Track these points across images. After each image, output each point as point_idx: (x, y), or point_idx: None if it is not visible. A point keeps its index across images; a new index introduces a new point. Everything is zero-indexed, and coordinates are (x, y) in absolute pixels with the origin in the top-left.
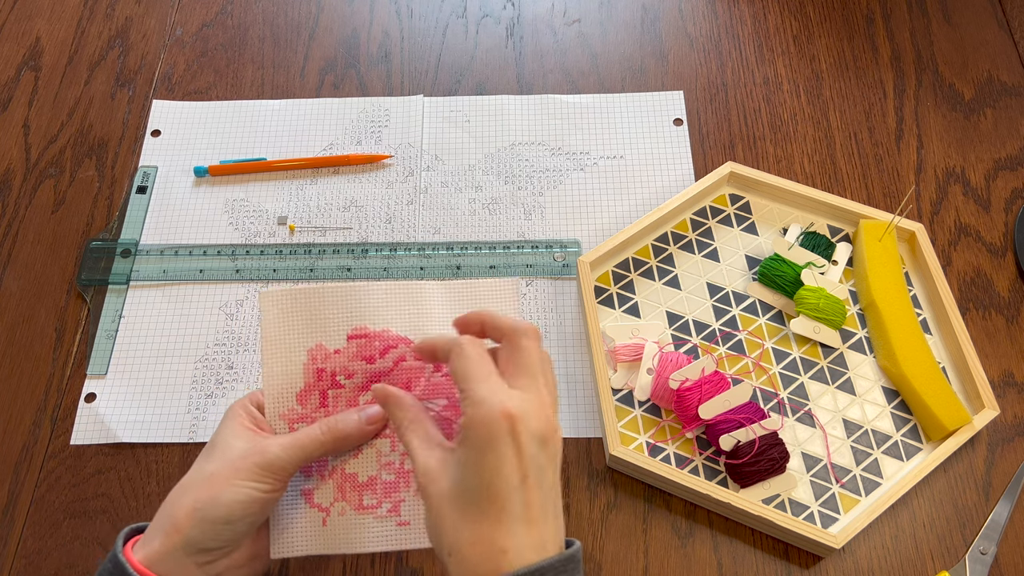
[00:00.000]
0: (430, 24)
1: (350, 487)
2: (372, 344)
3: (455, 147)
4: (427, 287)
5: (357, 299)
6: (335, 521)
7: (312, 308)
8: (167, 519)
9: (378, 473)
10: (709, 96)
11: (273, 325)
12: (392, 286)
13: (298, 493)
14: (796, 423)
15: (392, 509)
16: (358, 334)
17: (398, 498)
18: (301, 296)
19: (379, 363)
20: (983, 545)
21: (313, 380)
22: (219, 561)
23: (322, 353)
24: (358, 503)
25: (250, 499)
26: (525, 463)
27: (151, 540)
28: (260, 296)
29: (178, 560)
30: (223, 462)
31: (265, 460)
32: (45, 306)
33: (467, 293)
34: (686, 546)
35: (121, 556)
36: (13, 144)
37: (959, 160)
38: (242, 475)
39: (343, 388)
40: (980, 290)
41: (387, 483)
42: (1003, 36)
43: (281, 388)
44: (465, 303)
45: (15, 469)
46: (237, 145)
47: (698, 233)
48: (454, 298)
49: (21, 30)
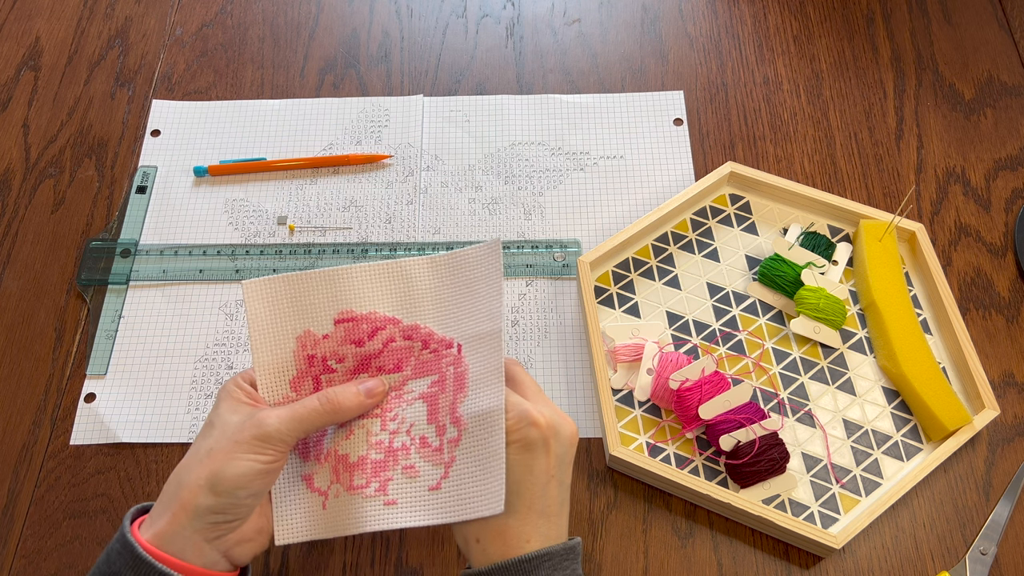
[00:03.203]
0: (430, 24)
1: (343, 468)
2: (359, 327)
3: (455, 147)
4: (411, 264)
5: (341, 283)
6: (332, 503)
7: (296, 295)
8: (172, 498)
9: (367, 453)
10: (709, 96)
11: (259, 315)
12: (375, 267)
13: (299, 479)
14: (796, 423)
15: (380, 488)
16: (345, 318)
17: (386, 477)
18: (284, 283)
19: (368, 345)
20: (983, 545)
21: (305, 367)
22: (227, 536)
23: (311, 339)
24: (349, 483)
25: (252, 471)
26: (552, 466)
27: (158, 519)
28: (244, 286)
29: (186, 537)
30: (222, 437)
31: (263, 432)
32: (45, 306)
33: (452, 264)
34: (686, 546)
35: (130, 536)
36: (13, 144)
37: (959, 160)
38: (242, 448)
39: (335, 372)
40: (980, 290)
41: (376, 462)
42: (1003, 36)
43: (274, 377)
44: (451, 274)
45: (15, 469)
46: (237, 145)
47: (698, 233)
48: (440, 271)
49: (21, 30)
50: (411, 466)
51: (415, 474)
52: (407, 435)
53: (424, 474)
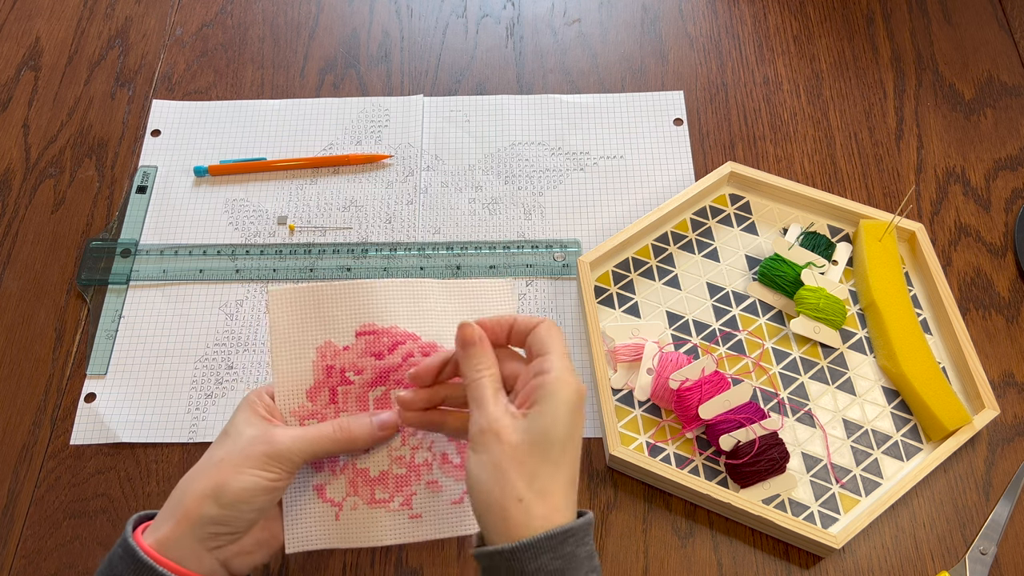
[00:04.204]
0: (430, 24)
1: (362, 482)
2: (380, 340)
3: (455, 147)
4: (427, 285)
5: (364, 296)
6: (348, 516)
7: (320, 306)
8: (177, 505)
9: (389, 468)
10: (709, 96)
11: (282, 323)
12: (397, 283)
13: (310, 488)
14: (796, 423)
15: (404, 503)
16: (367, 330)
17: (409, 492)
18: (309, 294)
19: (388, 359)
20: (983, 545)
21: (323, 377)
22: (228, 547)
23: (331, 350)
24: (370, 497)
25: (256, 487)
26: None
27: (161, 525)
28: (269, 294)
29: (187, 545)
30: (232, 449)
31: (274, 450)
32: (45, 306)
33: (465, 292)
34: (686, 546)
35: (132, 541)
36: (13, 144)
37: (959, 160)
38: (250, 463)
39: (352, 384)
40: (980, 290)
41: (398, 477)
42: (1003, 36)
43: (291, 385)
44: (463, 302)
45: (15, 469)
46: (237, 145)
47: (698, 233)
48: (453, 297)
49: (21, 30)
50: (434, 481)
51: (438, 489)
52: (428, 451)
53: (447, 489)
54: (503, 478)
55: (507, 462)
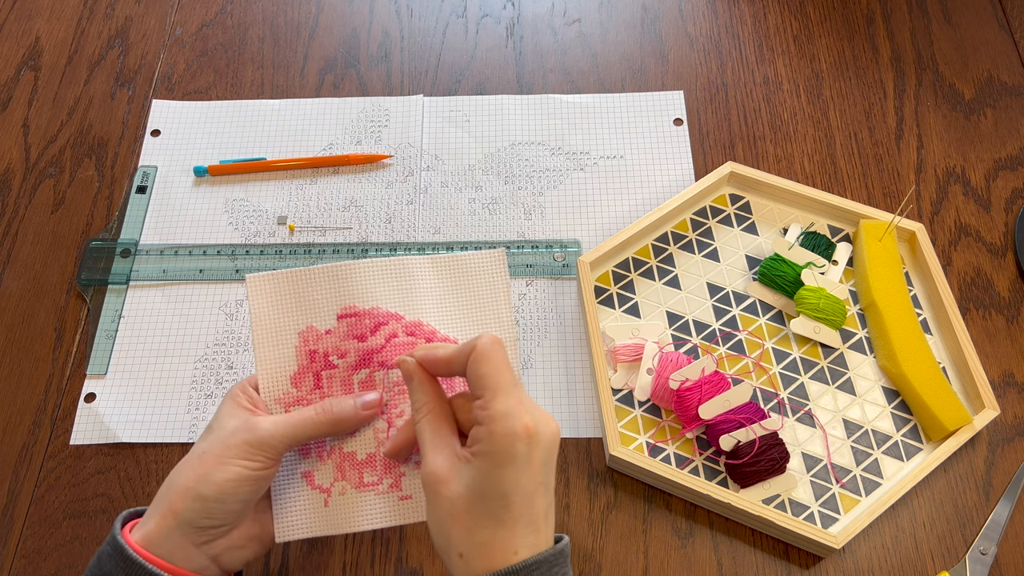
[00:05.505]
0: (430, 24)
1: (349, 466)
2: (362, 322)
3: (455, 147)
4: (413, 261)
5: (344, 278)
6: (336, 501)
7: (300, 290)
8: (162, 500)
9: (376, 450)
10: (709, 96)
11: (262, 309)
12: (378, 263)
13: (298, 475)
14: (796, 423)
15: (393, 484)
16: (348, 313)
17: (398, 473)
18: (288, 279)
19: (371, 340)
20: (983, 545)
21: (306, 362)
22: (216, 541)
23: (313, 334)
24: (358, 481)
25: (240, 477)
26: (537, 474)
27: (148, 521)
28: (248, 280)
29: (174, 540)
30: (215, 441)
31: (255, 437)
32: (45, 306)
33: (452, 266)
34: (686, 546)
35: (119, 537)
36: (13, 144)
37: (959, 160)
38: (232, 452)
39: (336, 368)
40: (980, 290)
41: (385, 459)
42: (1003, 36)
43: (275, 372)
44: (452, 277)
45: (15, 469)
46: (237, 145)
47: (698, 233)
48: (441, 272)
49: (21, 30)
50: None
51: None
52: None
53: None
54: (445, 531)
55: (446, 517)
